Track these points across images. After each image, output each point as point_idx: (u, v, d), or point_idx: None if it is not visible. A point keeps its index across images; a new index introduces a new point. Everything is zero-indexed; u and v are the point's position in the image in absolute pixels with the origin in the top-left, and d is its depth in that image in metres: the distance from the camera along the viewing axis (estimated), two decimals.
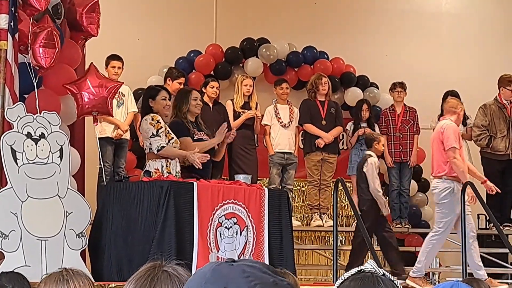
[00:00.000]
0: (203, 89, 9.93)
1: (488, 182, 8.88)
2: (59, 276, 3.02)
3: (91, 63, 7.97)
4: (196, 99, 8.21)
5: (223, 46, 11.56)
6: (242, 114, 10.17)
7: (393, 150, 10.98)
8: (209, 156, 7.83)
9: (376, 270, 1.86)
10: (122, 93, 9.56)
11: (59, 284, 3.00)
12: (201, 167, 7.68)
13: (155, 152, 7.58)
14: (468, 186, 8.28)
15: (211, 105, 9.91)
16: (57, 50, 7.01)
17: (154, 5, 12.00)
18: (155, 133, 7.60)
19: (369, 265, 1.87)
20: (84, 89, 7.55)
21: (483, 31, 12.81)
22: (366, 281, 1.84)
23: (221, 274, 1.63)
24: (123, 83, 8.29)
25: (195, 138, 8.06)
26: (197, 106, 8.21)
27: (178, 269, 2.18)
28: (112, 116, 8.75)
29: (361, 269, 1.87)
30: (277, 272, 1.66)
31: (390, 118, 11.06)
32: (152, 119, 7.64)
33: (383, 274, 1.87)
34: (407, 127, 11.01)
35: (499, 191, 8.99)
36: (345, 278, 1.88)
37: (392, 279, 1.87)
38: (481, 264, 8.45)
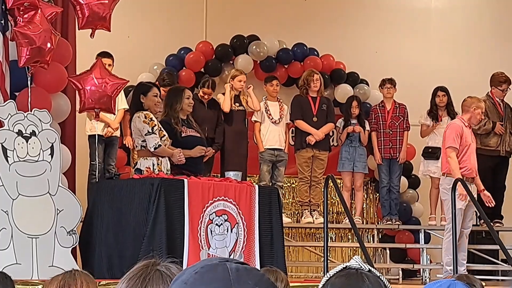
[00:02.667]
0: (201, 89, 10.08)
1: (486, 192, 9.01)
2: (61, 276, 3.15)
3: (99, 58, 7.91)
4: (189, 98, 8.22)
5: (213, 43, 11.56)
6: (233, 108, 10.20)
7: (382, 147, 10.98)
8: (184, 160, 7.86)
9: (361, 267, 1.88)
10: None
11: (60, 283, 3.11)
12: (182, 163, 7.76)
13: (152, 150, 7.57)
14: (459, 183, 8.38)
15: (205, 102, 10.02)
16: (34, 47, 6.84)
17: (144, 2, 11.98)
18: (150, 131, 7.59)
19: (355, 261, 1.88)
20: (88, 84, 7.51)
21: (472, 26, 12.84)
22: (351, 278, 1.85)
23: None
24: (128, 81, 8.17)
25: (182, 135, 8.07)
26: (190, 105, 8.22)
27: (172, 268, 2.11)
28: (114, 114, 8.73)
29: (346, 266, 1.88)
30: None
31: (380, 114, 11.05)
32: (145, 117, 7.63)
33: (369, 270, 1.88)
34: (397, 124, 11.00)
35: (493, 204, 9.14)
36: (331, 275, 1.89)
37: (378, 275, 1.88)
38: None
